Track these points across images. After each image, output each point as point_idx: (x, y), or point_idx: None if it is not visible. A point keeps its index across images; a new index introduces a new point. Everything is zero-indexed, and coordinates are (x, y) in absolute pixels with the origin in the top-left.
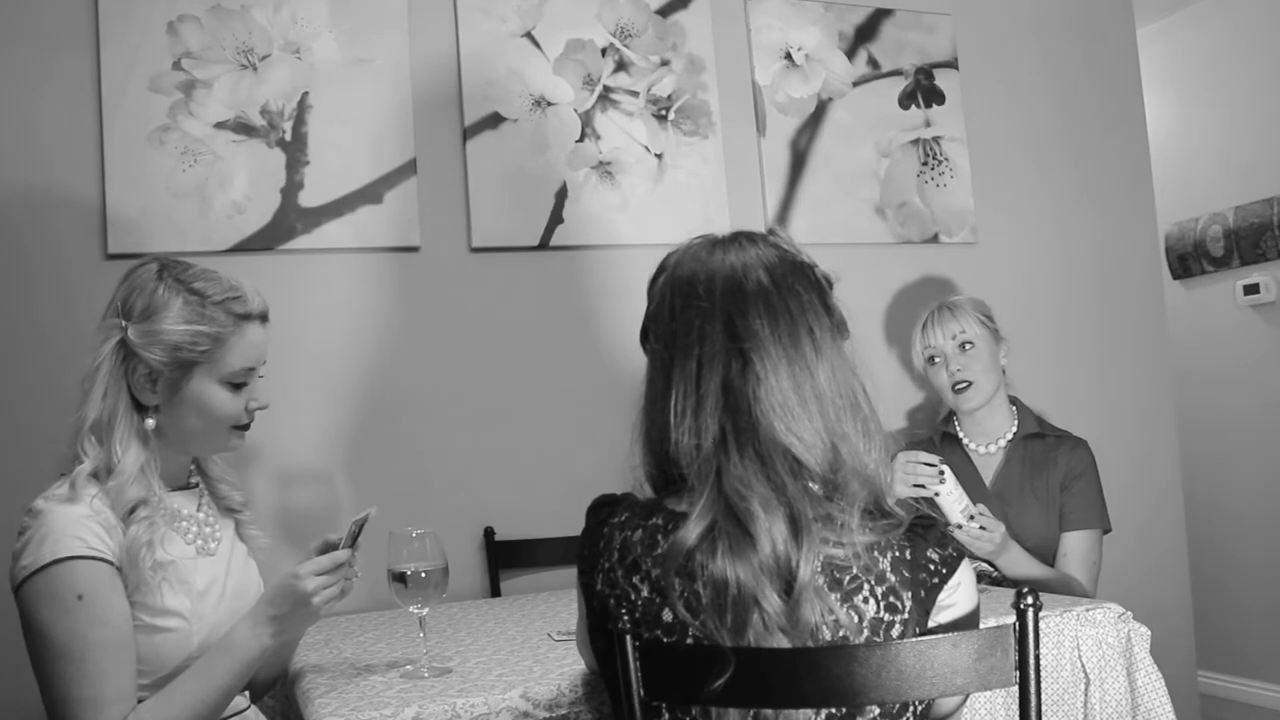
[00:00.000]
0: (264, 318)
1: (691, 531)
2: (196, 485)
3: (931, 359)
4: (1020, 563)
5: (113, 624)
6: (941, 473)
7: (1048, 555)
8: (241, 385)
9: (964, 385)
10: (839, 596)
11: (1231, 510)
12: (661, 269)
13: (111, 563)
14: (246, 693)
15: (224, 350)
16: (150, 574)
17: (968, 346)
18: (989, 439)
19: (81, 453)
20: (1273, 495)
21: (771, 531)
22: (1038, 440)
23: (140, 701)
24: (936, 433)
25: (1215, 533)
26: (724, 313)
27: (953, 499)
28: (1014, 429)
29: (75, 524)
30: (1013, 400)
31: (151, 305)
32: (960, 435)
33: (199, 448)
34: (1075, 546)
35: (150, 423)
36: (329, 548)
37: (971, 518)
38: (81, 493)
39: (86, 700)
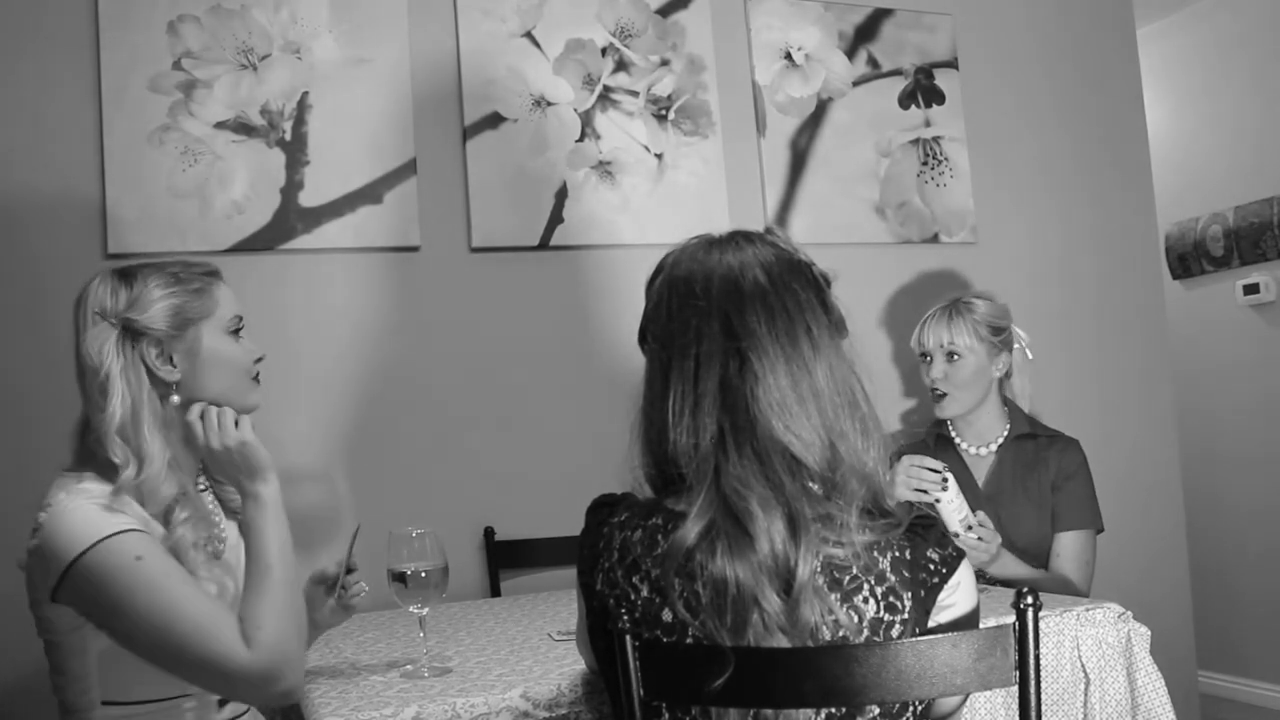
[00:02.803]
0: (222, 278)
1: (690, 531)
2: (206, 489)
3: (922, 354)
4: (1011, 568)
5: (183, 567)
6: (945, 480)
7: (1041, 556)
8: (238, 334)
9: (941, 395)
10: (839, 596)
11: (1231, 510)
12: (659, 269)
13: (149, 533)
14: None
15: (214, 301)
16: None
17: (954, 358)
18: (982, 441)
19: (113, 455)
20: (1273, 495)
21: (770, 531)
22: (1029, 441)
23: (141, 704)
24: (931, 434)
25: (1215, 533)
26: (721, 312)
27: (952, 507)
28: (1006, 430)
29: (108, 514)
30: (1006, 401)
31: (131, 295)
32: (954, 437)
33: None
34: (1068, 547)
35: (175, 399)
36: (323, 578)
37: (970, 528)
38: (111, 495)
39: (203, 625)
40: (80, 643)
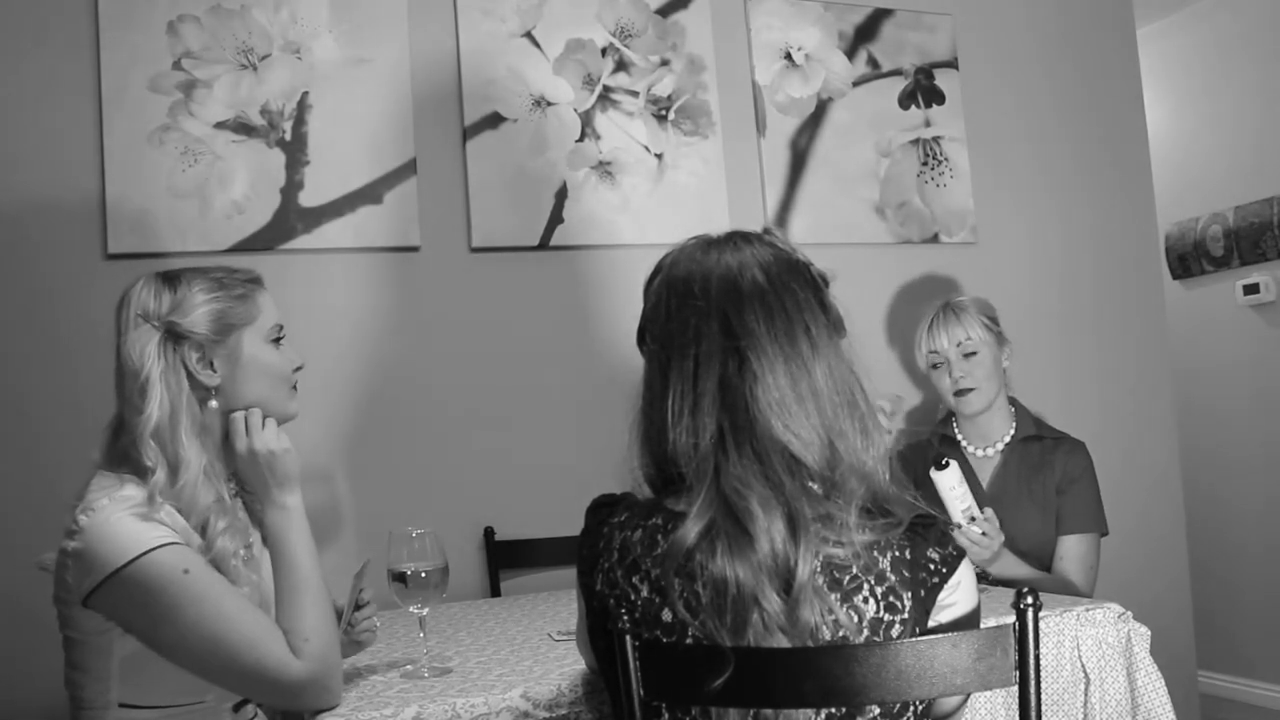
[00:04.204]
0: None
1: (690, 530)
2: (236, 495)
3: (935, 364)
4: (1012, 569)
5: (227, 579)
6: (946, 463)
7: (1044, 558)
8: (279, 342)
9: (966, 390)
10: (839, 596)
11: (1232, 510)
12: (657, 270)
13: (190, 545)
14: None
15: (257, 308)
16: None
17: (971, 355)
18: (987, 442)
19: (145, 458)
20: (1273, 495)
21: (770, 531)
22: (1035, 442)
23: (158, 709)
24: (935, 435)
25: (1215, 533)
26: (720, 311)
27: (955, 495)
28: (1012, 431)
29: (152, 525)
30: (1012, 402)
31: (175, 298)
32: (959, 438)
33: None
34: (1072, 550)
35: (214, 404)
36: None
37: (973, 519)
38: (151, 505)
39: (255, 639)
40: (105, 645)
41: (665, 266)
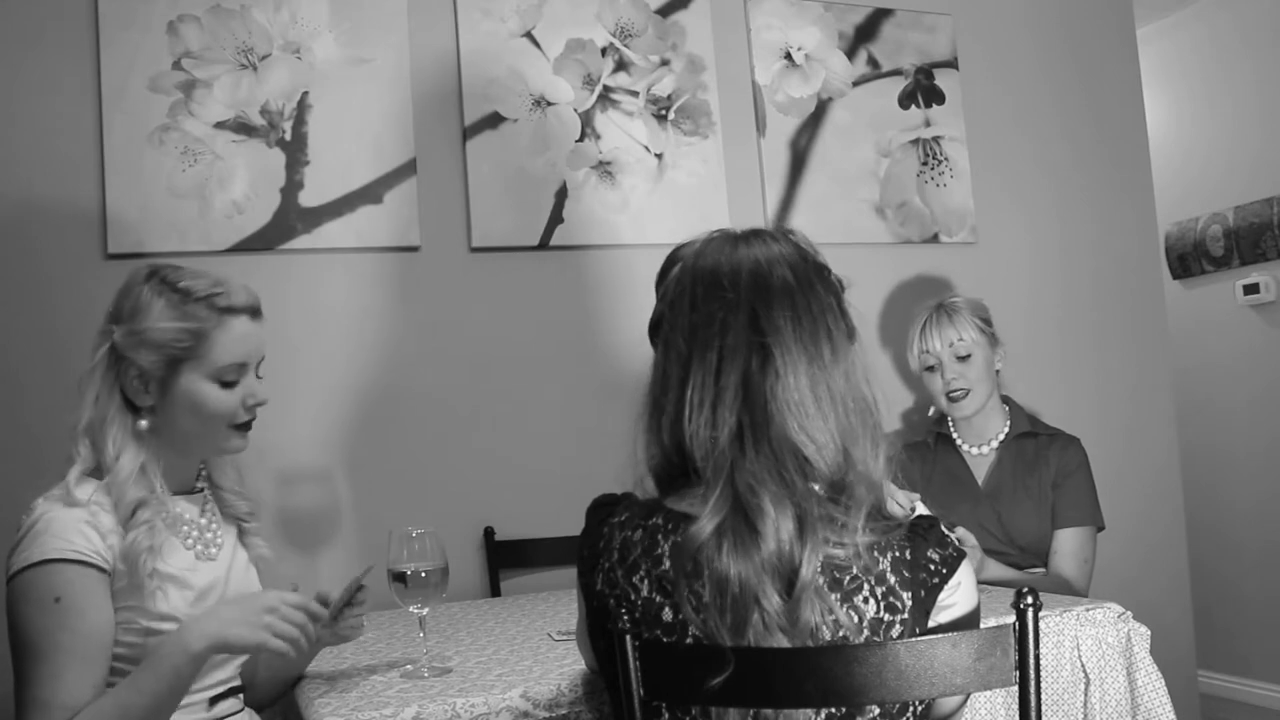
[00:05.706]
0: (253, 312)
1: (705, 526)
2: (202, 490)
3: (928, 365)
4: (995, 573)
5: (82, 631)
6: (913, 509)
7: (1042, 554)
8: (233, 383)
9: (959, 393)
10: (839, 597)
11: (1232, 510)
12: (675, 260)
13: (100, 568)
14: (241, 695)
15: (209, 345)
16: (148, 580)
17: (965, 357)
18: (982, 440)
19: (75, 454)
20: (1273, 495)
21: (779, 529)
22: (1030, 439)
23: None
24: (930, 434)
25: (1215, 533)
26: (749, 305)
27: None
28: (1006, 429)
29: (68, 527)
30: (1005, 400)
31: (136, 307)
32: (954, 436)
33: (199, 449)
34: (1067, 544)
35: (143, 424)
36: (324, 601)
37: None
38: (80, 495)
39: (37, 701)
40: None
41: (687, 258)
